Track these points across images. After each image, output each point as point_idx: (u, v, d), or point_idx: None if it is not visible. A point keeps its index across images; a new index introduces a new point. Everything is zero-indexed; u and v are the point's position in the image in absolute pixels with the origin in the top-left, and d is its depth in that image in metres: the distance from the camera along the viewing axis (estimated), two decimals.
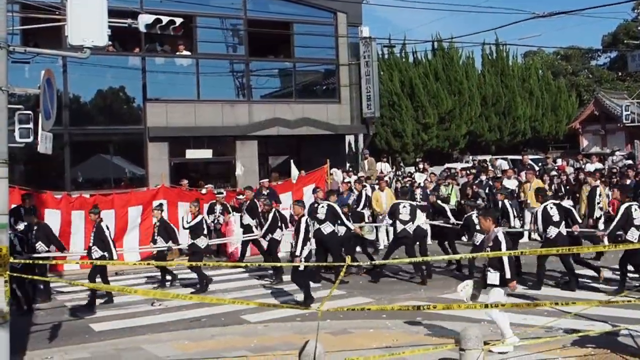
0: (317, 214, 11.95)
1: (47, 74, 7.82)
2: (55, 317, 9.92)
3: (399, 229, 11.80)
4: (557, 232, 10.52)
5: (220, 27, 20.16)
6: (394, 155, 26.22)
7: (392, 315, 8.83)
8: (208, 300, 8.60)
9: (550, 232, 10.54)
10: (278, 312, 9.35)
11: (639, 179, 16.61)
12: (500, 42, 29.98)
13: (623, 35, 40.23)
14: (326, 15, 21.42)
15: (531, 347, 6.97)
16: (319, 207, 12.13)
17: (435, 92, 26.97)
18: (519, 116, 29.37)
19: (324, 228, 11.89)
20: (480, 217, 7.93)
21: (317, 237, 11.84)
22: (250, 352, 7.45)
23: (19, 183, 14.09)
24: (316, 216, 11.91)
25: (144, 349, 7.79)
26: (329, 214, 11.92)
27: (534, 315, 8.52)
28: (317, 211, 12.04)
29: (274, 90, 21.96)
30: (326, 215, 11.92)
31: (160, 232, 11.98)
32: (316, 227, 11.85)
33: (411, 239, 11.92)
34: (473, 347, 5.67)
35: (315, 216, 11.92)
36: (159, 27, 12.21)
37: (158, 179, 17.04)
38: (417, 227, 12.00)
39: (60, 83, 16.54)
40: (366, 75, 21.53)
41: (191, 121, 19.01)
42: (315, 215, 11.94)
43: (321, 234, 11.88)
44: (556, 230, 10.52)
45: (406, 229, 11.77)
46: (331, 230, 11.93)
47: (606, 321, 8.06)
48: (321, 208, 12.06)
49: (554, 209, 10.62)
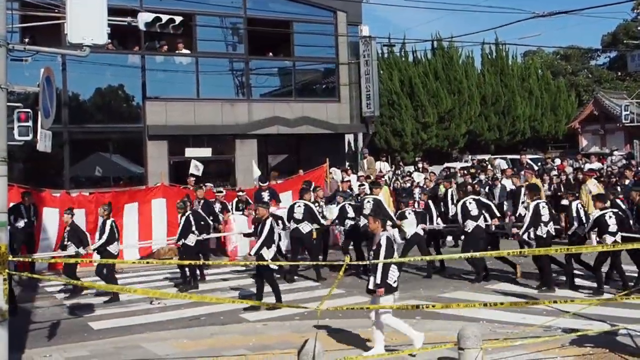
0: (295, 214, 12.10)
1: (46, 72, 7.82)
2: (54, 316, 9.91)
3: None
4: (475, 225, 11.18)
5: (220, 25, 20.15)
6: (394, 154, 26.23)
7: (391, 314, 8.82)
8: (207, 299, 8.60)
9: (468, 225, 11.18)
10: (277, 311, 9.35)
11: (637, 178, 16.59)
12: (499, 41, 30.01)
13: (623, 35, 40.25)
14: (326, 14, 21.42)
15: (530, 347, 6.98)
16: (295, 207, 12.28)
17: (434, 92, 26.97)
18: (518, 116, 29.38)
19: (302, 227, 12.06)
20: (370, 217, 7.57)
21: (296, 235, 12.02)
22: (249, 350, 7.45)
23: (17, 181, 14.09)
24: (294, 216, 12.06)
25: (143, 348, 7.79)
26: (306, 213, 12.09)
27: (532, 315, 8.53)
28: (294, 210, 12.18)
29: (274, 89, 21.96)
30: (304, 214, 12.08)
31: (70, 237, 11.47)
32: (294, 226, 12.03)
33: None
34: (472, 346, 5.67)
35: (292, 216, 12.07)
36: (159, 25, 12.24)
37: (157, 177, 17.03)
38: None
39: (59, 81, 16.53)
40: (366, 75, 21.53)
41: (191, 120, 19.01)
42: (292, 215, 12.09)
43: (300, 232, 12.06)
44: (474, 223, 11.18)
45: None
46: (310, 229, 12.11)
47: (605, 320, 8.06)
48: (298, 207, 12.21)
49: (472, 203, 11.30)
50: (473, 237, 11.26)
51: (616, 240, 9.81)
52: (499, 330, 7.89)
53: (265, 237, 9.46)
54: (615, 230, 9.86)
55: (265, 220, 9.62)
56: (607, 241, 9.79)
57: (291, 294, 10.81)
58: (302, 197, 12.50)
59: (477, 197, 11.67)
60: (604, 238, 9.88)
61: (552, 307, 8.39)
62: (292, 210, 12.26)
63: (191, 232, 11.71)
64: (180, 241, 11.60)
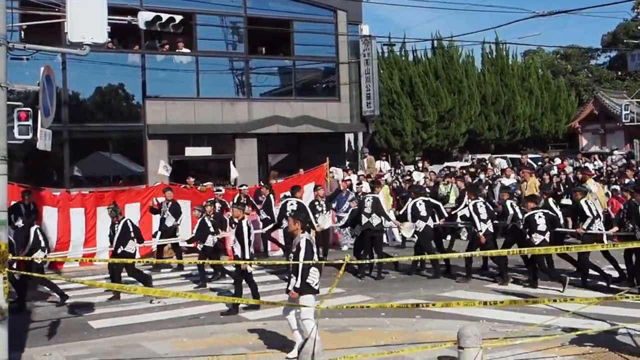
0: (288, 212, 11.90)
1: (46, 70, 7.82)
2: (53, 314, 9.91)
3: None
4: (425, 225, 11.92)
5: (220, 24, 20.15)
6: (394, 153, 26.24)
7: (391, 313, 8.83)
8: (207, 298, 8.60)
9: (419, 224, 11.93)
10: (276, 310, 9.34)
11: (637, 178, 16.60)
12: (500, 41, 30.02)
13: (623, 34, 40.26)
14: (326, 13, 21.41)
15: (529, 346, 6.98)
16: (288, 205, 12.17)
17: (435, 91, 26.97)
18: (518, 115, 29.39)
19: None
20: (290, 218, 7.63)
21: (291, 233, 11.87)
22: (249, 349, 7.45)
23: (17, 180, 14.08)
24: (286, 214, 11.87)
25: (142, 346, 7.79)
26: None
27: (532, 314, 8.53)
28: (287, 209, 12.07)
29: (274, 88, 21.96)
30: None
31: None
32: (287, 224, 11.84)
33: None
34: (472, 345, 5.67)
35: (285, 214, 11.94)
36: (159, 24, 12.23)
37: (157, 176, 17.02)
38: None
39: (59, 80, 16.52)
40: (366, 74, 21.53)
41: (191, 119, 19.00)
42: (285, 213, 11.94)
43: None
44: (424, 223, 11.92)
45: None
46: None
47: (604, 320, 8.06)
48: (290, 205, 12.12)
49: (422, 205, 12.09)
50: (424, 236, 12.02)
51: (545, 239, 10.43)
52: (499, 329, 7.89)
53: (247, 239, 9.42)
54: (544, 230, 10.46)
55: (241, 222, 9.57)
56: (535, 240, 10.38)
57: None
58: (294, 195, 12.39)
59: (427, 199, 12.44)
60: (533, 237, 10.47)
61: (552, 307, 8.39)
62: (285, 208, 12.14)
63: (210, 233, 11.86)
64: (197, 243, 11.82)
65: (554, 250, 8.34)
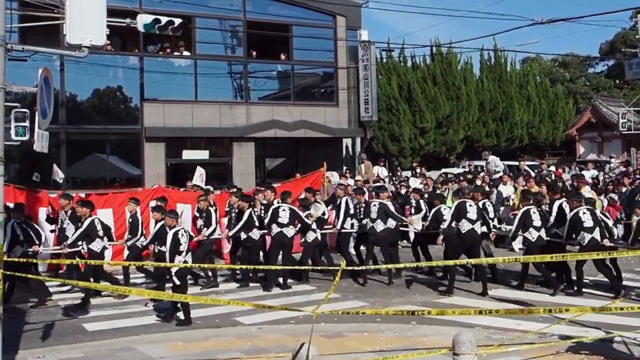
0: (279, 218, 11.76)
1: (44, 72, 7.81)
2: (48, 317, 9.87)
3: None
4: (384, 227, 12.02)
5: (219, 28, 20.17)
6: (391, 159, 26.24)
7: (387, 319, 8.82)
8: (202, 301, 8.57)
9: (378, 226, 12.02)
10: (272, 314, 9.33)
11: (634, 186, 16.63)
12: (498, 48, 30.08)
13: (620, 43, 40.35)
14: (325, 19, 21.47)
15: (525, 353, 6.97)
16: (280, 210, 11.86)
17: (433, 97, 27.01)
18: (516, 122, 29.43)
19: (287, 231, 11.78)
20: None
21: (281, 240, 11.75)
22: (243, 354, 7.43)
23: (14, 181, 14.05)
24: (277, 220, 11.75)
25: (137, 350, 7.76)
26: (291, 217, 11.83)
27: (528, 321, 8.53)
28: (278, 214, 11.81)
29: (272, 93, 21.98)
30: (290, 218, 11.80)
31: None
32: (277, 230, 11.72)
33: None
34: (467, 351, 5.65)
35: (276, 219, 11.75)
36: (158, 27, 12.22)
37: (154, 179, 17.00)
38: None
39: (57, 81, 16.52)
40: (364, 79, 21.57)
41: (188, 122, 19.00)
42: (276, 219, 11.75)
43: (284, 237, 11.76)
44: (384, 226, 12.00)
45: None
46: (294, 233, 11.92)
47: (600, 328, 8.06)
48: (283, 211, 11.82)
49: (376, 206, 12.12)
50: (379, 240, 12.09)
51: (540, 235, 10.67)
52: (494, 336, 7.88)
53: (170, 246, 9.36)
54: (539, 225, 10.71)
55: (172, 229, 9.48)
56: (531, 235, 10.65)
57: (287, 298, 10.80)
58: (285, 201, 12.12)
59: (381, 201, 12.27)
60: (529, 232, 10.71)
61: (547, 314, 8.39)
62: (277, 213, 11.87)
63: (253, 228, 11.87)
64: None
65: (549, 258, 8.32)
